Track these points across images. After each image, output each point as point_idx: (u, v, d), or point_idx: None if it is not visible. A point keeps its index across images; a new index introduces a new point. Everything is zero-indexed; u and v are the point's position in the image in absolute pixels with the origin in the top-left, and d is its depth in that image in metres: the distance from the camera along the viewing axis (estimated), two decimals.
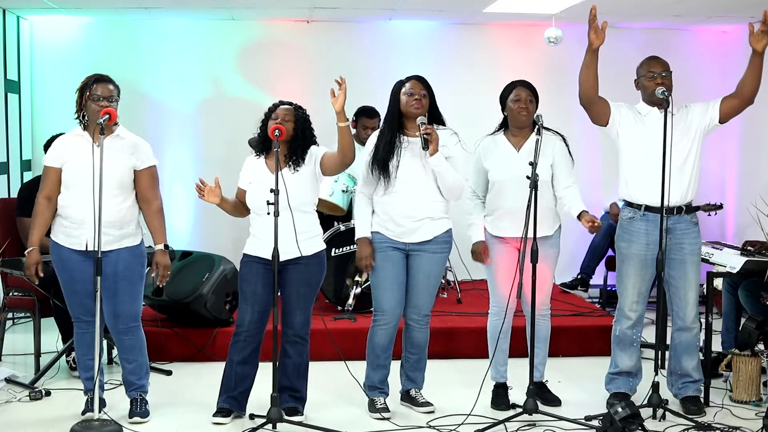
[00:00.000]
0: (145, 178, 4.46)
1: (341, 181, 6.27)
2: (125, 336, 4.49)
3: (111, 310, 4.42)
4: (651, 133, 4.54)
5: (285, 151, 4.42)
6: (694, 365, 4.69)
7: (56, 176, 4.38)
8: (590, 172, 7.42)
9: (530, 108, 4.56)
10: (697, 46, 7.82)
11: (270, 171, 4.40)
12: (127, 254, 4.42)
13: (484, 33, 7.78)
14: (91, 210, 4.27)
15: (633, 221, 4.65)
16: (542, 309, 4.65)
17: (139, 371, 4.56)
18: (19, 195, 5.67)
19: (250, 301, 4.42)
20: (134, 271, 4.46)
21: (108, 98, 4.33)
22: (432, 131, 4.40)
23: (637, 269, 4.64)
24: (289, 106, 4.48)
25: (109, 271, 4.34)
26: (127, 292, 4.43)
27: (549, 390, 4.74)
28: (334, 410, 4.71)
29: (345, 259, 6.10)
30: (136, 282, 4.48)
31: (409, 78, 4.57)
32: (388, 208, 4.53)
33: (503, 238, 4.63)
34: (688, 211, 4.62)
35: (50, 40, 7.50)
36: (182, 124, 7.44)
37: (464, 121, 7.13)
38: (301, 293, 4.44)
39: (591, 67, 4.54)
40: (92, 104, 4.32)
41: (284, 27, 7.68)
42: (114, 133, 4.42)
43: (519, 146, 4.62)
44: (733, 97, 4.58)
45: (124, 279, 4.41)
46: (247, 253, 4.47)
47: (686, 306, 4.63)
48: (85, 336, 4.42)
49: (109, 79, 4.42)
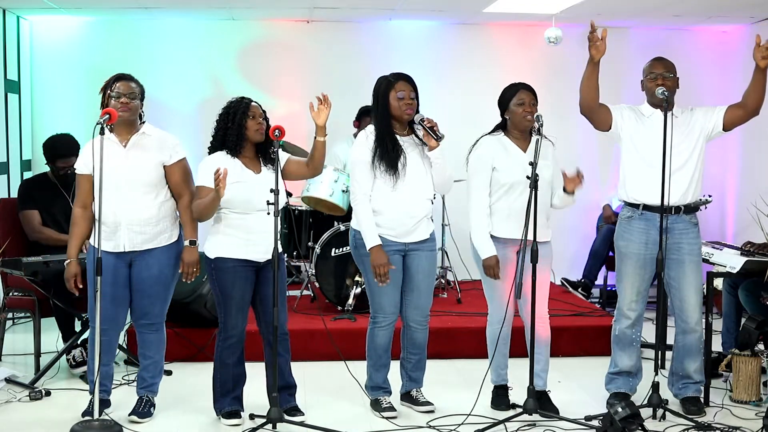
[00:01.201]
0: (176, 172, 4.45)
1: (341, 181, 6.27)
2: (147, 330, 4.51)
3: (140, 309, 4.46)
4: (652, 133, 4.53)
5: (255, 150, 4.41)
6: (696, 367, 4.68)
7: (89, 183, 4.34)
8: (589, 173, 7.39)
9: (534, 112, 4.51)
10: (697, 46, 7.83)
11: (253, 171, 4.37)
12: (161, 256, 4.42)
13: (484, 33, 7.79)
14: (125, 211, 4.31)
15: (631, 220, 4.65)
16: (543, 314, 4.60)
17: (153, 369, 4.57)
18: (19, 191, 5.67)
19: (240, 305, 4.40)
20: (168, 275, 4.48)
21: (128, 95, 4.32)
22: (436, 124, 4.41)
23: (635, 268, 4.64)
24: (256, 103, 4.44)
25: (144, 275, 4.39)
26: (159, 295, 4.47)
27: (549, 399, 4.65)
28: (334, 410, 4.71)
29: (345, 259, 6.10)
30: (170, 285, 4.52)
31: (397, 78, 4.50)
32: (390, 207, 4.50)
33: (504, 240, 4.59)
34: (687, 212, 4.62)
35: (50, 40, 7.51)
36: (182, 124, 7.42)
37: (464, 121, 7.17)
38: (281, 290, 4.43)
39: (592, 79, 4.54)
40: (113, 102, 4.31)
41: (284, 27, 7.68)
42: (140, 131, 4.41)
43: (525, 148, 4.58)
44: (739, 107, 4.58)
45: (157, 283, 4.44)
46: (228, 256, 4.35)
47: (687, 307, 4.62)
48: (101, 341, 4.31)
49: (130, 77, 4.41)
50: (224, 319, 4.42)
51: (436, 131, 4.39)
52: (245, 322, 4.45)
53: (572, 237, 4.67)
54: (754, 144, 7.33)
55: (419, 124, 4.44)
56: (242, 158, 4.39)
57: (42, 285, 5.11)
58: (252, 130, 4.35)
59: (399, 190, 4.46)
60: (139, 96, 4.40)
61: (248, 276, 4.39)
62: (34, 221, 5.47)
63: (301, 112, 7.46)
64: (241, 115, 4.37)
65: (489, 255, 4.52)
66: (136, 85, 4.40)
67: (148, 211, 4.37)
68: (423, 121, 4.42)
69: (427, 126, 4.39)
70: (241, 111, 4.38)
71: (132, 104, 4.33)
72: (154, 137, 4.44)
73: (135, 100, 4.35)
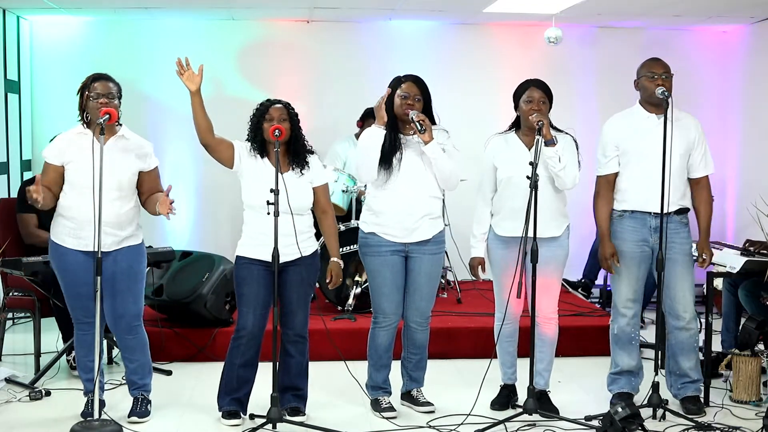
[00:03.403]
0: (152, 178, 4.46)
1: (341, 181, 6.27)
2: (128, 335, 4.48)
3: (113, 310, 4.41)
4: (647, 139, 4.54)
5: (284, 151, 4.42)
6: (691, 365, 4.69)
7: (56, 174, 4.33)
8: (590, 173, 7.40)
9: (543, 110, 4.49)
10: (697, 46, 7.82)
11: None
12: (128, 253, 4.42)
13: (484, 33, 7.79)
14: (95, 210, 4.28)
15: (622, 219, 4.67)
16: (549, 313, 4.63)
17: (141, 371, 4.55)
18: (19, 193, 5.67)
19: (253, 304, 4.40)
20: (136, 270, 4.45)
21: (107, 95, 4.30)
22: (425, 119, 4.41)
23: (627, 266, 4.65)
24: (281, 105, 4.44)
25: (110, 271, 4.34)
26: (129, 291, 4.43)
27: (549, 399, 4.65)
28: (335, 410, 4.71)
29: (345, 259, 6.06)
30: (138, 281, 4.48)
31: (407, 78, 4.54)
32: (387, 205, 4.51)
33: (506, 239, 4.59)
34: (678, 213, 4.63)
35: (50, 40, 7.50)
36: (182, 124, 7.38)
37: (464, 121, 7.18)
38: (301, 293, 4.45)
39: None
40: (92, 102, 4.30)
41: (284, 27, 7.68)
42: (117, 133, 4.41)
43: (531, 146, 4.56)
44: (694, 187, 4.70)
45: (126, 278, 4.41)
46: (245, 255, 4.42)
47: (679, 305, 4.63)
48: (86, 337, 4.40)
49: (108, 77, 4.39)
50: (237, 317, 4.46)
51: (423, 125, 4.39)
52: (258, 323, 4.40)
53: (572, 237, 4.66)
54: (753, 144, 7.33)
55: (411, 120, 4.45)
56: (270, 158, 4.41)
57: (42, 285, 5.11)
58: (267, 133, 4.35)
59: (394, 185, 4.48)
60: (118, 95, 4.37)
61: (262, 276, 4.38)
62: (30, 225, 5.46)
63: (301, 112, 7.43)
64: (259, 117, 4.41)
65: (474, 255, 4.66)
66: (114, 84, 4.37)
67: (120, 216, 4.35)
68: (414, 117, 4.43)
69: (417, 120, 4.40)
70: (260, 113, 4.42)
71: (111, 104, 4.31)
72: (132, 142, 4.44)
73: (114, 99, 4.33)
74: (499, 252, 4.61)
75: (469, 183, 5.00)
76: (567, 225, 4.66)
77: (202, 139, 4.34)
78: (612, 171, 4.69)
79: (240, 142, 4.44)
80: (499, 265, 4.63)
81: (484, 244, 4.66)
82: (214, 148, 4.36)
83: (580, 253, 7.29)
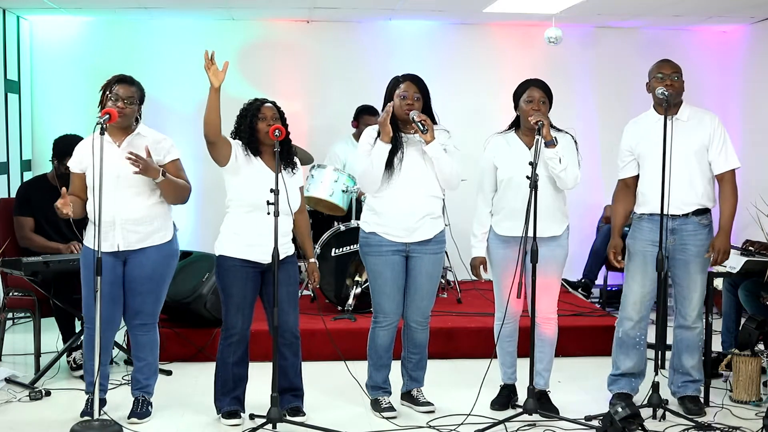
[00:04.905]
0: (170, 170, 4.42)
1: (341, 181, 6.28)
2: (140, 332, 4.50)
3: (132, 308, 4.45)
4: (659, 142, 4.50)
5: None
6: (694, 364, 4.69)
7: (81, 181, 4.38)
8: (590, 173, 7.42)
9: (543, 110, 4.49)
10: (697, 46, 7.82)
11: (272, 170, 4.36)
12: (155, 254, 4.42)
13: (484, 33, 7.79)
14: (119, 211, 4.32)
15: (641, 220, 4.67)
16: (548, 313, 4.63)
17: (147, 371, 4.56)
18: (17, 195, 5.67)
19: (242, 305, 4.40)
20: (161, 273, 4.47)
21: (126, 99, 4.31)
22: (426, 119, 4.41)
23: (641, 267, 4.64)
24: (271, 104, 4.43)
25: (136, 273, 4.39)
26: (152, 293, 4.46)
27: (549, 399, 4.65)
28: (334, 410, 4.71)
29: (345, 259, 6.10)
30: (162, 283, 4.51)
31: (405, 77, 4.53)
32: (388, 205, 4.51)
33: (506, 238, 4.59)
34: (696, 213, 4.61)
35: (50, 40, 7.51)
36: (182, 124, 7.42)
37: (464, 121, 7.18)
38: (290, 292, 4.45)
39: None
40: (110, 104, 4.30)
41: (284, 27, 7.68)
42: (135, 131, 4.41)
43: (531, 146, 4.54)
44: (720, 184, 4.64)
45: (149, 281, 4.43)
46: (231, 255, 4.38)
47: (689, 305, 4.64)
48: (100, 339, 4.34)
49: (131, 81, 4.40)
50: (225, 317, 4.44)
51: (425, 125, 4.39)
52: (246, 321, 4.44)
53: (572, 237, 4.66)
54: (753, 144, 7.33)
55: (413, 120, 4.45)
56: (263, 158, 4.41)
57: (42, 285, 5.11)
58: (263, 132, 4.35)
59: (395, 185, 4.48)
60: (138, 100, 4.39)
61: (250, 276, 4.39)
62: (25, 228, 5.44)
63: (301, 112, 7.50)
64: (251, 117, 4.39)
65: (475, 255, 4.66)
66: (136, 89, 4.39)
67: (142, 211, 4.37)
68: (415, 116, 4.43)
69: (418, 120, 4.40)
70: (252, 113, 4.39)
71: (127, 110, 4.31)
72: (148, 138, 4.44)
73: (132, 105, 4.34)
74: (499, 252, 4.61)
75: (469, 183, 4.99)
76: (567, 225, 4.66)
77: (211, 136, 4.28)
78: (628, 175, 4.72)
79: (235, 141, 4.44)
80: (499, 265, 4.63)
81: (485, 243, 4.66)
82: (218, 145, 4.34)
83: (580, 253, 7.30)
